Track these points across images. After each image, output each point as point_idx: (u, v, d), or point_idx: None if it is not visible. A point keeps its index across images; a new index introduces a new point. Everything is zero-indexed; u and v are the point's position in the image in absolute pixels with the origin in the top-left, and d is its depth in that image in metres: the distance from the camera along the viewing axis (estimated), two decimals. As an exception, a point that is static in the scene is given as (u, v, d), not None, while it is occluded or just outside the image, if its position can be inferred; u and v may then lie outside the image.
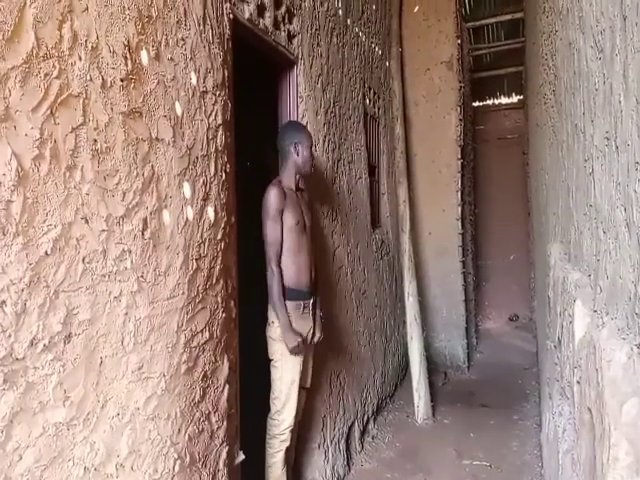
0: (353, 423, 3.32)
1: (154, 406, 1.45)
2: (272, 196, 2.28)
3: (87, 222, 1.25)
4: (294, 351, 2.26)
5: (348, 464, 3.13)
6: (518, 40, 6.61)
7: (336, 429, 3.04)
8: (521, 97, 7.82)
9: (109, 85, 1.34)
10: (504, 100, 8.34)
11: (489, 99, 8.37)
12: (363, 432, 3.49)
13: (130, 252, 1.38)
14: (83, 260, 1.24)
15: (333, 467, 2.92)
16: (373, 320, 3.93)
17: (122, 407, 1.34)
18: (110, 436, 1.29)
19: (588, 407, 1.27)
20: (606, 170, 1.28)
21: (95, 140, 1.29)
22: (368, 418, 3.62)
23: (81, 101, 1.25)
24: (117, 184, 1.35)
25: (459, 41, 5.28)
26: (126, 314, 1.36)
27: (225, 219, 1.84)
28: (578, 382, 1.48)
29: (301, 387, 2.45)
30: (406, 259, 4.27)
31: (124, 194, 1.37)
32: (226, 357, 1.84)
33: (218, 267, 1.79)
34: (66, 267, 1.18)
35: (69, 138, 1.21)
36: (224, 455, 1.80)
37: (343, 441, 3.12)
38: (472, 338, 5.77)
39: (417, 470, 3.11)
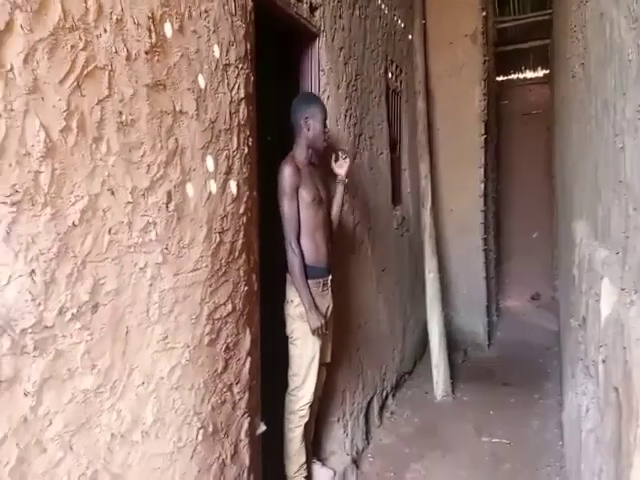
0: (372, 398, 3.36)
1: (178, 376, 1.48)
2: (286, 173, 2.25)
3: (113, 194, 1.26)
4: (317, 332, 2.27)
5: (367, 438, 3.17)
6: (545, 12, 6.38)
7: (355, 404, 3.08)
8: (547, 71, 7.60)
9: (134, 58, 1.34)
10: (529, 74, 8.12)
11: (514, 73, 8.15)
12: (382, 407, 3.53)
13: (155, 224, 1.40)
14: (109, 231, 1.25)
15: (352, 441, 2.96)
16: (393, 297, 3.93)
17: (147, 376, 1.37)
18: (136, 404, 1.32)
19: (614, 386, 1.25)
20: (638, 145, 1.24)
21: (120, 112, 1.29)
22: (387, 394, 3.66)
23: (106, 73, 1.25)
24: (142, 156, 1.36)
25: (484, 13, 5.13)
26: (151, 285, 1.38)
27: (247, 193, 1.84)
28: (604, 361, 1.47)
29: (321, 363, 2.47)
30: (427, 236, 4.23)
31: (149, 167, 1.38)
32: (248, 330, 1.87)
33: (240, 241, 1.80)
34: (93, 238, 1.20)
35: (95, 110, 1.21)
36: (246, 425, 1.83)
37: (362, 416, 3.16)
38: (493, 316, 5.74)
39: (436, 446, 3.13)
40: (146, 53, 1.38)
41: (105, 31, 1.24)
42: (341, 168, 2.53)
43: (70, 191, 1.14)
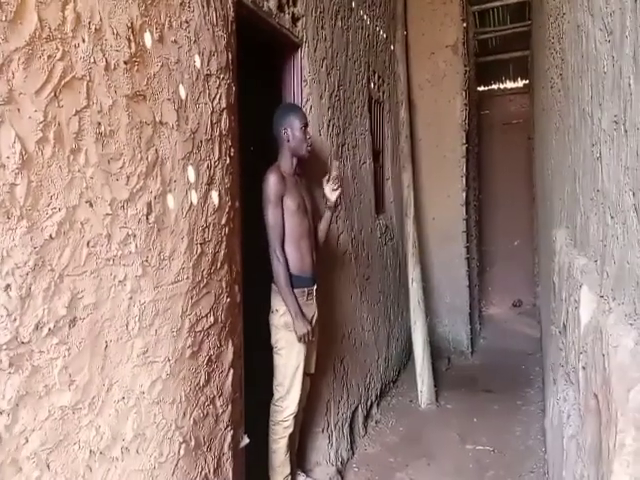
0: (357, 408, 3.35)
1: (159, 390, 1.45)
2: (271, 181, 2.25)
3: (91, 206, 1.24)
4: (303, 339, 2.26)
5: (352, 448, 3.15)
6: (524, 24, 6.51)
7: (340, 414, 3.06)
8: (526, 81, 7.74)
9: (113, 68, 1.32)
10: (509, 85, 8.24)
11: (494, 83, 8.28)
12: (367, 417, 3.52)
13: (134, 236, 1.38)
14: (88, 244, 1.23)
15: (337, 451, 2.94)
16: (377, 305, 3.94)
17: (127, 391, 1.34)
18: (115, 420, 1.30)
19: (594, 393, 1.26)
20: (614, 154, 1.26)
21: (99, 123, 1.28)
22: (372, 403, 3.65)
23: (85, 84, 1.23)
24: (121, 168, 1.34)
25: (464, 24, 5.21)
26: (131, 298, 1.36)
27: (229, 203, 1.83)
28: (584, 368, 1.48)
29: (305, 373, 2.46)
30: (410, 245, 4.26)
31: (128, 178, 1.36)
32: (230, 342, 1.85)
33: (222, 252, 1.78)
34: (71, 251, 1.18)
35: (73, 121, 1.20)
36: (229, 439, 1.81)
37: (347, 425, 3.14)
38: (476, 324, 5.78)
39: (420, 454, 3.13)
40: (125, 63, 1.36)
41: (83, 41, 1.23)
42: (333, 194, 2.51)
43: (47, 203, 1.12)
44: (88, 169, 1.24)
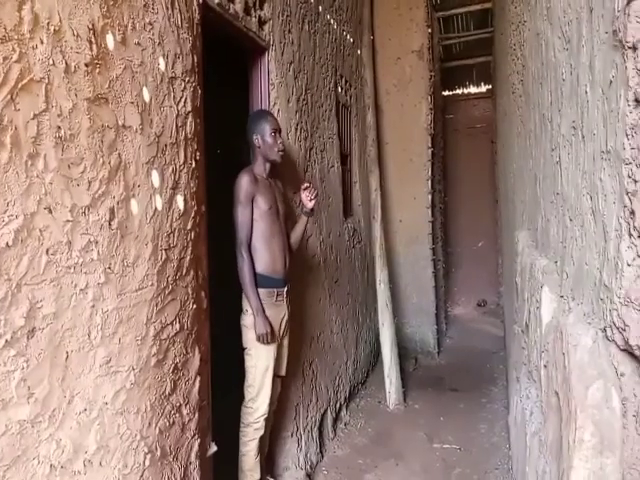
0: (326, 411, 3.35)
1: (123, 400, 1.42)
2: (243, 180, 2.27)
3: (51, 212, 1.21)
4: (261, 338, 2.25)
5: (321, 451, 3.15)
6: (487, 30, 6.65)
7: (309, 417, 3.06)
8: (489, 87, 7.90)
9: (73, 70, 1.29)
10: (473, 89, 8.40)
11: (458, 88, 8.42)
12: (336, 419, 3.52)
13: (96, 243, 1.34)
14: (47, 252, 1.19)
15: (306, 455, 2.94)
16: (345, 308, 3.95)
17: (90, 402, 1.30)
18: (77, 432, 1.26)
19: (555, 390, 1.30)
20: (573, 159, 1.30)
21: (59, 127, 1.24)
22: (340, 405, 3.66)
23: (43, 86, 1.20)
24: (82, 173, 1.31)
25: (429, 30, 5.29)
26: (93, 307, 1.32)
27: (195, 208, 1.81)
28: (545, 366, 1.52)
29: (276, 375, 2.45)
30: (377, 247, 4.29)
31: (90, 183, 1.33)
32: (197, 349, 1.82)
33: (188, 257, 1.76)
34: (29, 259, 1.14)
35: (31, 125, 1.16)
36: (196, 447, 1.78)
37: (316, 429, 3.14)
38: (442, 324, 5.87)
39: (389, 455, 3.15)
40: (86, 65, 1.33)
41: (42, 42, 1.19)
42: (310, 201, 2.54)
43: (3, 210, 1.08)
44: (47, 174, 1.20)
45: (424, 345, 5.20)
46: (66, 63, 1.26)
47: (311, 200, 2.53)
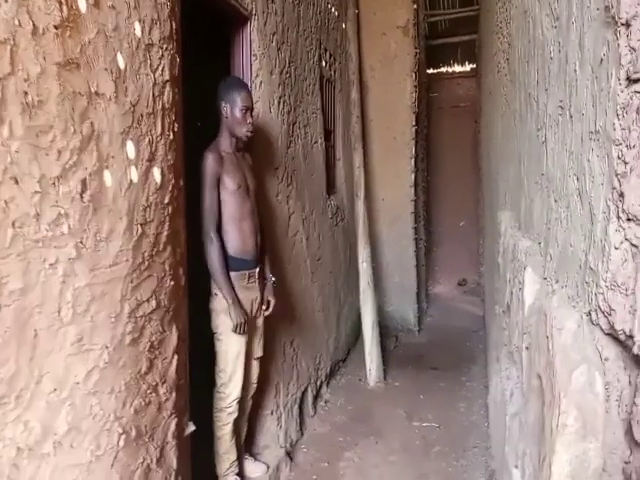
0: (306, 388, 3.35)
1: (96, 380, 1.37)
2: (207, 162, 2.17)
3: (17, 183, 1.14)
4: (238, 328, 2.19)
5: (301, 429, 3.16)
6: (473, 8, 6.58)
7: (289, 395, 3.05)
8: (474, 66, 7.85)
9: (41, 32, 1.20)
10: (457, 68, 8.33)
11: (443, 66, 8.35)
12: (316, 397, 3.53)
13: (67, 216, 1.27)
14: (13, 224, 1.13)
15: (286, 433, 2.93)
16: (327, 286, 3.93)
17: (60, 382, 1.25)
18: (46, 413, 1.21)
19: (538, 373, 1.29)
20: (559, 139, 1.27)
21: (25, 92, 1.16)
22: (321, 383, 3.66)
23: (8, 48, 1.12)
24: (52, 142, 1.23)
25: (415, 6, 5.19)
26: (63, 282, 1.26)
27: (173, 182, 1.74)
28: (527, 348, 1.51)
29: (254, 358, 2.42)
30: (360, 225, 4.26)
31: (60, 153, 1.25)
32: (174, 327, 1.77)
33: (165, 233, 1.69)
34: (-7, 232, 1.08)
35: (-6, 89, 1.08)
36: (173, 427, 1.75)
37: (296, 406, 3.14)
38: (423, 302, 5.91)
39: (369, 433, 3.17)
40: (56, 28, 1.24)
41: (5, 1, 1.11)
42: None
43: (-37, 179, 1.01)
44: (13, 142, 1.13)
45: (405, 323, 5.23)
46: (34, 24, 1.18)
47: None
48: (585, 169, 1.00)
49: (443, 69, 8.35)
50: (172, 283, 1.74)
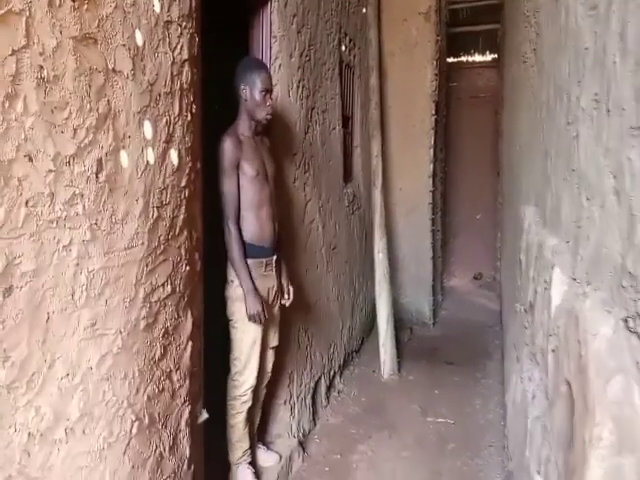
0: (320, 378, 3.31)
1: (109, 365, 1.34)
2: (226, 147, 2.09)
3: (31, 160, 1.09)
4: (254, 318, 2.14)
5: (314, 419, 3.13)
6: (497, -5, 6.41)
7: (303, 385, 3.02)
8: (495, 56, 7.68)
9: (58, 4, 1.15)
10: (478, 58, 8.15)
11: (463, 56, 8.17)
12: (329, 387, 3.49)
13: (82, 196, 1.23)
14: (26, 203, 1.09)
15: (299, 422, 2.90)
16: (343, 276, 3.88)
17: (72, 367, 1.22)
18: (58, 399, 1.18)
19: (566, 379, 1.22)
20: (593, 135, 1.20)
21: (41, 67, 1.11)
22: (335, 373, 3.62)
23: (23, 20, 1.07)
24: (67, 119, 1.19)
25: (437, -9, 5.06)
26: (77, 265, 1.22)
27: (190, 164, 1.69)
28: (553, 350, 1.45)
29: (270, 347, 2.38)
30: (377, 215, 4.19)
31: (75, 131, 1.21)
32: (189, 312, 1.74)
33: (182, 216, 1.65)
34: (6, 211, 1.04)
35: (9, 62, 1.04)
36: (186, 415, 1.72)
37: (309, 396, 3.10)
38: (438, 295, 5.82)
39: (382, 426, 3.13)
40: (73, 1, 1.19)
41: (20, -30, 1.06)
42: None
43: (-25, 155, 0.97)
44: (27, 118, 1.08)
45: (420, 316, 5.16)
46: (50, -5, 1.13)
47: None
48: (624, 167, 0.93)
49: (463, 58, 8.17)
50: (188, 268, 1.70)
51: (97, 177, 1.28)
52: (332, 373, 3.57)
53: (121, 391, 1.39)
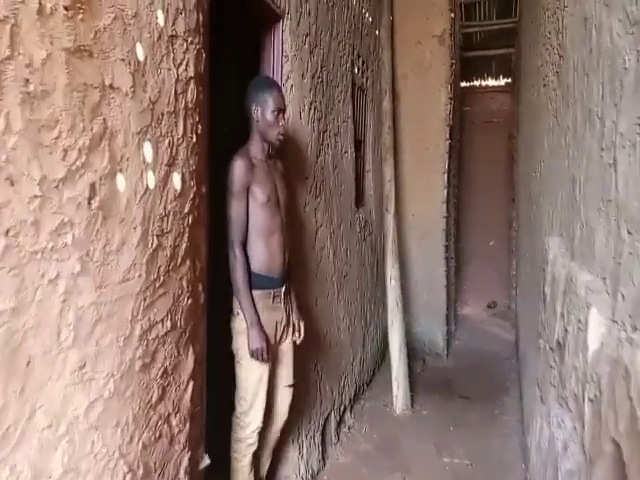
0: (330, 414, 3.13)
1: (99, 412, 1.19)
2: (236, 168, 1.96)
3: (12, 184, 0.97)
4: (256, 354, 1.97)
5: (323, 458, 2.94)
6: (511, 20, 6.37)
7: (312, 422, 2.84)
8: (509, 80, 7.62)
9: (49, 12, 1.05)
10: (491, 82, 8.11)
11: (476, 80, 8.13)
12: (339, 422, 3.31)
13: (72, 224, 1.11)
14: (7, 233, 0.96)
15: (307, 462, 2.72)
16: (354, 304, 3.72)
17: (56, 416, 1.08)
18: (38, 454, 1.03)
19: (613, 438, 1.07)
20: (636, 162, 1.07)
21: (27, 80, 1.00)
22: (345, 407, 3.44)
23: (8, 28, 0.96)
24: (56, 139, 1.07)
25: (452, 15, 5.01)
26: (64, 301, 1.09)
27: (194, 189, 1.57)
28: (591, 400, 1.29)
29: (283, 386, 2.22)
30: (390, 241, 4.05)
31: (65, 152, 1.09)
32: (191, 349, 1.59)
33: (184, 245, 1.52)
34: (-19, 241, 0.91)
35: (-10, 74, 0.93)
36: (185, 462, 1.56)
37: (319, 434, 2.92)
38: (451, 324, 5.64)
39: (395, 467, 2.93)
40: (66, 9, 1.09)
41: (6, -28, 0.96)
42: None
43: (-55, 178, 0.85)
44: (10, 137, 0.97)
45: (433, 346, 4.97)
46: (40, 2, 1.02)
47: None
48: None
49: (476, 82, 8.13)
50: (190, 301, 1.57)
51: (89, 203, 1.15)
52: (342, 408, 3.39)
53: (112, 440, 1.24)
